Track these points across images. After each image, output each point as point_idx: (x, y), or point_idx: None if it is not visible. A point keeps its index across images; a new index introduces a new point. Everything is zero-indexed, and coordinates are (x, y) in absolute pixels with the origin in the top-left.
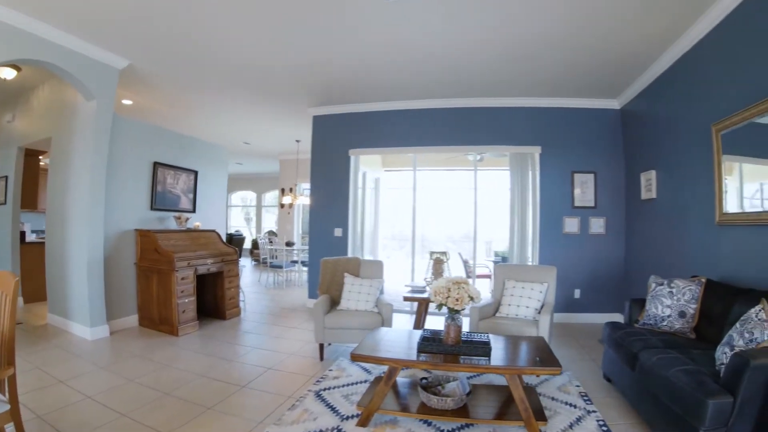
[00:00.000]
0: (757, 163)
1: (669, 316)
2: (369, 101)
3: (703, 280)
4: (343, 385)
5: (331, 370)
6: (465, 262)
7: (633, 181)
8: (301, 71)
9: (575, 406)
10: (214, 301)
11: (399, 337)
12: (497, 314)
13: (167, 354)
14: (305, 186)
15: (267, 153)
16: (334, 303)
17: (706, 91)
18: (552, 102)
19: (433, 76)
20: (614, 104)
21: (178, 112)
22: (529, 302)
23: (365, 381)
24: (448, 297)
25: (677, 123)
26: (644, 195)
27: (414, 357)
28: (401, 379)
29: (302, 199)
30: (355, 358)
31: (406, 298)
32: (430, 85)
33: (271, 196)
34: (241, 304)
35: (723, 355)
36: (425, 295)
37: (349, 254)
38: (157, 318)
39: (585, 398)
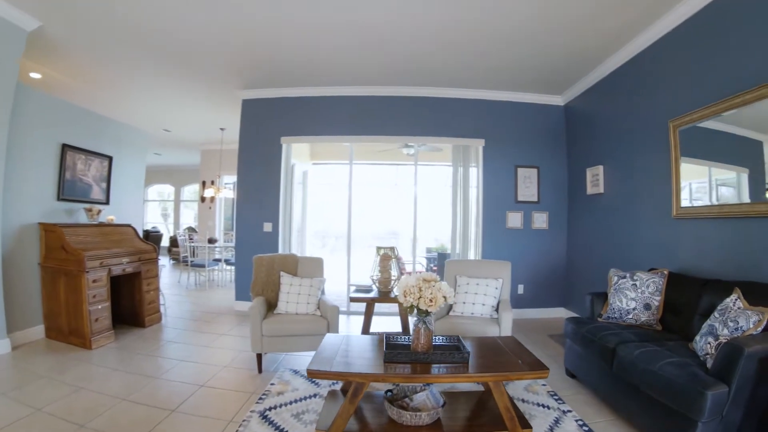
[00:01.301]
0: (695, 163)
1: (634, 309)
2: (305, 85)
3: (666, 272)
4: (291, 402)
5: (273, 384)
6: (398, 259)
7: (577, 176)
8: (231, 48)
9: (548, 407)
10: (131, 306)
11: (358, 345)
12: (452, 313)
13: (80, 372)
14: (229, 179)
15: (188, 142)
16: (270, 306)
17: (665, 89)
18: (497, 95)
19: (377, 61)
20: (558, 101)
21: (93, 89)
22: (485, 299)
23: (315, 395)
24: (420, 297)
25: (631, 119)
26: (590, 190)
27: (382, 369)
28: None
29: (226, 192)
30: (314, 375)
31: (353, 299)
32: (373, 72)
33: (190, 190)
34: (162, 309)
35: (707, 345)
36: (372, 295)
37: (280, 251)
38: (66, 328)
39: (555, 397)
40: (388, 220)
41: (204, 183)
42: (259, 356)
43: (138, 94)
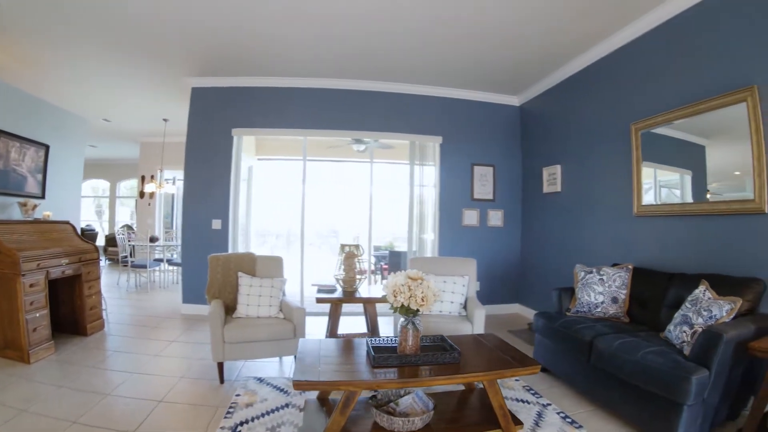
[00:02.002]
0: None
1: (602, 303)
2: (260, 75)
3: (631, 267)
4: (263, 414)
5: (239, 395)
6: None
7: (532, 175)
8: (185, 30)
9: (527, 402)
10: (70, 312)
11: (338, 350)
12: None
13: (21, 392)
14: (172, 174)
15: (128, 134)
16: (228, 309)
17: (627, 94)
18: (455, 93)
19: (338, 53)
20: (514, 101)
21: (27, 69)
22: (453, 297)
23: (287, 405)
24: (411, 296)
25: (592, 121)
26: (547, 189)
27: (372, 375)
28: (335, 398)
29: (168, 187)
30: (302, 386)
31: (320, 300)
32: (332, 64)
33: (127, 186)
34: (104, 315)
35: (683, 333)
36: (337, 295)
37: (230, 250)
38: (1, 340)
39: (532, 392)
40: (331, 219)
41: (143, 178)
42: (221, 365)
43: (78, 78)
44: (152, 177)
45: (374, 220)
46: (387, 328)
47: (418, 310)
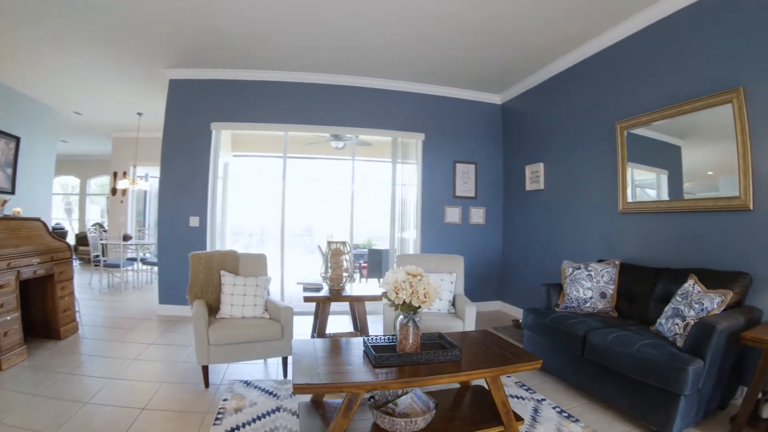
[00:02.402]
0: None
1: (591, 298)
2: (241, 67)
3: (617, 262)
4: (254, 420)
5: (226, 399)
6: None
7: (514, 172)
8: (165, 17)
9: (522, 398)
10: (42, 315)
11: (333, 350)
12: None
13: None
14: (144, 170)
15: (100, 128)
16: (211, 310)
17: (612, 94)
18: (437, 90)
19: (324, 46)
20: (496, 99)
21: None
22: (442, 294)
23: (278, 409)
24: (413, 293)
25: (577, 120)
26: (530, 186)
27: (374, 375)
28: (329, 400)
29: (141, 184)
30: (303, 390)
31: (308, 299)
32: (317, 58)
33: (97, 183)
34: (77, 317)
35: (675, 326)
36: (324, 293)
37: (208, 248)
38: None
39: (524, 387)
40: (306, 217)
41: (116, 174)
42: (206, 368)
43: (51, 68)
44: (124, 173)
45: (355, 219)
46: (375, 326)
47: (419, 307)
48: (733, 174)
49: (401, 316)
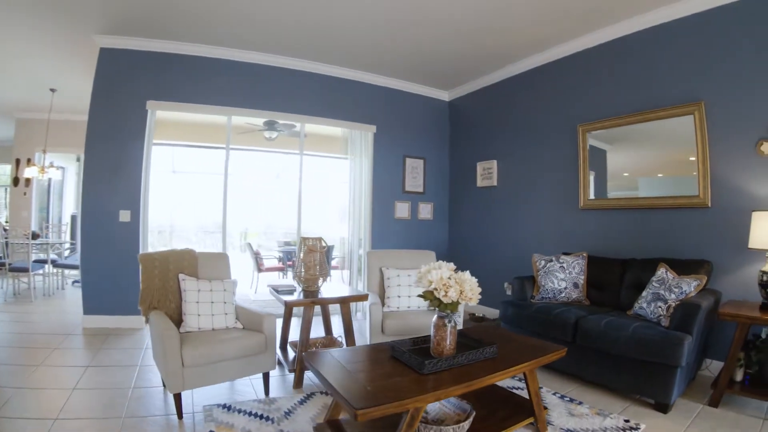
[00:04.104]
0: None
1: (566, 288)
2: (182, 40)
3: (585, 255)
4: None
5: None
6: (256, 254)
7: (463, 169)
8: None
9: (521, 388)
10: None
11: (354, 361)
12: (386, 309)
13: None
14: (55, 156)
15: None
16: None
17: (573, 98)
18: (390, 83)
19: (282, 24)
20: (444, 96)
21: None
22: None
23: None
24: (461, 291)
25: (536, 120)
26: (481, 183)
27: (428, 385)
28: (344, 417)
29: (53, 172)
30: (368, 414)
31: (292, 303)
32: (269, 36)
33: None
34: None
35: (658, 308)
36: (297, 296)
37: (141, 246)
38: None
39: (516, 378)
40: (217, 212)
41: (18, 161)
42: (178, 396)
43: None
44: (28, 160)
45: (278, 215)
46: (339, 329)
47: (458, 303)
48: (653, 175)
49: (435, 317)
